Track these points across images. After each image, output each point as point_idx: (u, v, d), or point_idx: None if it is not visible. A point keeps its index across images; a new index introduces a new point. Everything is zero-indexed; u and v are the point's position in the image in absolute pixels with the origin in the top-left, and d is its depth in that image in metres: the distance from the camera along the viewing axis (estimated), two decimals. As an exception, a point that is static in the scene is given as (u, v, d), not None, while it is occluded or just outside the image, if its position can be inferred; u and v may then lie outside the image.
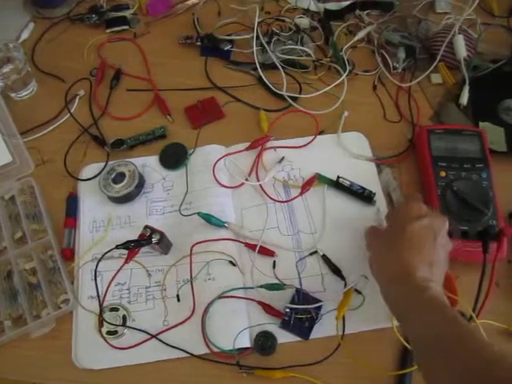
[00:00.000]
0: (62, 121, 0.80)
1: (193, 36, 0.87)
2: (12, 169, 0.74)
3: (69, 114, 0.80)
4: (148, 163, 0.75)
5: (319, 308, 0.62)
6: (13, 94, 0.82)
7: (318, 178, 0.71)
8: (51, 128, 0.79)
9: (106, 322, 0.61)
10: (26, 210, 0.71)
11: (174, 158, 0.74)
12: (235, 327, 0.61)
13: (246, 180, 0.71)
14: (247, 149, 0.74)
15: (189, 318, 0.62)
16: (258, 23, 0.83)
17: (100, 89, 0.84)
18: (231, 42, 0.86)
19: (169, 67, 0.86)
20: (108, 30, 0.90)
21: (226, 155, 0.74)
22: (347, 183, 0.70)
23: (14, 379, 0.62)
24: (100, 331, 0.62)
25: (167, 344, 0.61)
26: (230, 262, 0.66)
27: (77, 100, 0.82)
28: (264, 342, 0.61)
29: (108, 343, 0.61)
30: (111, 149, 0.75)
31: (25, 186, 0.73)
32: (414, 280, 0.51)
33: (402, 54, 0.84)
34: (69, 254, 0.68)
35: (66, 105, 0.81)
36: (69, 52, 0.88)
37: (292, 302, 0.62)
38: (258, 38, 0.82)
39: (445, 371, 0.46)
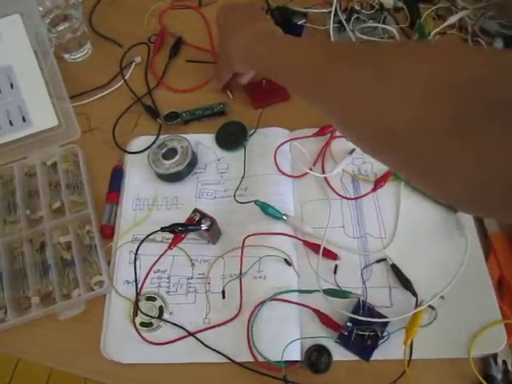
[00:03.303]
0: (114, 87, 0.74)
1: (263, 7, 0.79)
2: (57, 133, 0.68)
3: (122, 81, 0.74)
4: (203, 141, 0.68)
5: (385, 325, 0.53)
6: (66, 55, 0.77)
7: (393, 174, 0.62)
8: (103, 94, 0.73)
9: (141, 312, 0.55)
10: (67, 179, 0.65)
11: (232, 137, 0.67)
12: (285, 336, 0.53)
13: (311, 170, 0.63)
14: (314, 135, 0.65)
15: (233, 318, 0.55)
16: (337, -3, 0.74)
17: (158, 57, 0.77)
18: (305, 15, 0.77)
19: (233, 40, 0.79)
20: (172, -4, 0.84)
21: (290, 140, 0.66)
22: (429, 184, 0.60)
23: (34, 361, 0.56)
24: (133, 321, 0.55)
25: (206, 345, 0.54)
26: (285, 261, 0.58)
27: (132, 66, 0.76)
28: (317, 358, 0.52)
29: (141, 336, 0.55)
30: (164, 121, 0.68)
31: (68, 153, 0.67)
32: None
33: (498, 45, 0.73)
34: (108, 232, 0.61)
35: (121, 71, 0.75)
36: (129, 16, 0.82)
37: (354, 314, 0.54)
38: (335, 14, 0.73)
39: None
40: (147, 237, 0.53)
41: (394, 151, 0.35)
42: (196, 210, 0.56)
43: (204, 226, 0.55)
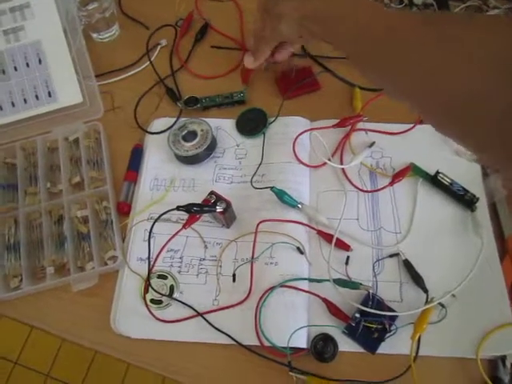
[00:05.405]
0: (139, 69, 0.74)
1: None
2: (81, 110, 0.69)
3: (148, 63, 0.74)
4: (223, 126, 0.68)
5: (393, 319, 0.53)
6: (94, 35, 0.78)
7: (412, 169, 0.61)
8: (128, 75, 0.74)
9: (153, 289, 0.55)
10: (88, 155, 0.66)
11: (252, 124, 0.67)
12: (293, 323, 0.53)
13: (329, 160, 0.62)
14: (334, 126, 0.65)
15: (242, 301, 0.55)
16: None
17: (183, 41, 0.77)
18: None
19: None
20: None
21: (310, 129, 0.65)
22: (447, 181, 0.60)
23: (45, 329, 0.58)
24: (144, 298, 0.56)
25: (213, 326, 0.54)
26: (298, 249, 0.58)
27: (158, 49, 0.76)
28: (323, 347, 0.53)
29: (150, 312, 0.55)
30: (184, 106, 0.69)
31: (91, 131, 0.68)
32: None
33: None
34: (125, 209, 0.62)
35: (147, 52, 0.75)
36: (158, 0, 0.82)
37: (363, 305, 0.53)
38: (364, 7, 0.72)
39: None
40: (163, 214, 0.53)
41: (455, 123, 0.35)
42: (212, 193, 0.57)
43: (219, 208, 0.55)
